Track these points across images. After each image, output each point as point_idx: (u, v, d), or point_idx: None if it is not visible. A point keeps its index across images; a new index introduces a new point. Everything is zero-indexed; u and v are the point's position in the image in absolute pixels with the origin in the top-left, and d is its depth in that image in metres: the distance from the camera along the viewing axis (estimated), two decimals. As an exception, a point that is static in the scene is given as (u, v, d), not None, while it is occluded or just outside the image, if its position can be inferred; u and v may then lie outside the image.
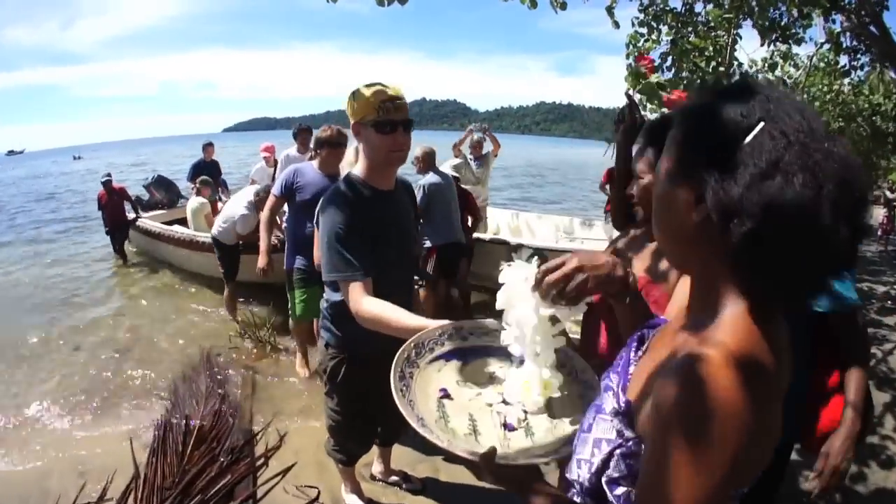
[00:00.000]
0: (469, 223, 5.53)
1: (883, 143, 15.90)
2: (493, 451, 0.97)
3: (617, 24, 6.43)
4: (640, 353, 0.89)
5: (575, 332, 1.71)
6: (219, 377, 4.03)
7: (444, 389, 1.25)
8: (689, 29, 6.24)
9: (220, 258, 5.45)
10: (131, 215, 8.16)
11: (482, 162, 7.00)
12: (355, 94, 1.83)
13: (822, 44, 7.68)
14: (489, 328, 1.41)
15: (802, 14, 5.91)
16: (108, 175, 8.24)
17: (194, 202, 7.09)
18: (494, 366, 1.34)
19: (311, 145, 4.18)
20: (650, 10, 6.55)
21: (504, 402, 1.22)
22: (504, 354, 1.32)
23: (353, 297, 1.76)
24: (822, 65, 9.36)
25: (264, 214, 4.18)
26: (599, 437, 0.80)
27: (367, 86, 1.82)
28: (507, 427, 1.16)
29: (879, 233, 12.00)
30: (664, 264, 1.51)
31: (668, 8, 6.46)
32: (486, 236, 6.23)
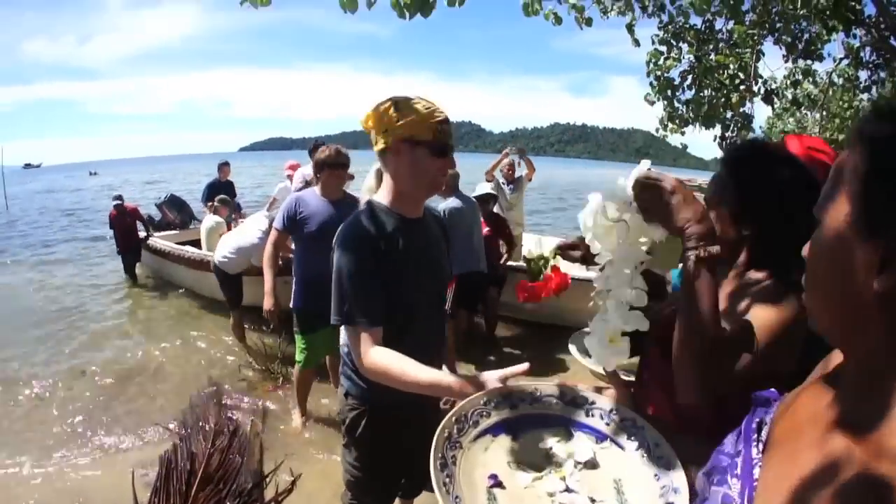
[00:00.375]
0: (503, 250, 5.31)
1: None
2: None
3: (637, 42, 6.33)
4: (761, 445, 0.69)
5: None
6: (228, 411, 3.85)
7: (494, 476, 1.04)
8: (710, 47, 6.12)
9: (221, 285, 5.32)
10: (143, 234, 8.03)
11: (515, 186, 6.72)
12: (400, 107, 1.60)
13: (842, 59, 7.55)
14: (543, 393, 1.21)
15: (828, 28, 5.75)
16: (120, 197, 8.13)
17: (210, 221, 6.90)
18: (551, 440, 1.13)
19: (313, 168, 3.86)
20: (670, 27, 6.45)
21: (567, 489, 1.03)
22: (561, 424, 1.15)
23: (359, 348, 1.57)
24: (840, 80, 9.20)
25: (267, 250, 3.83)
26: None
27: (414, 101, 1.62)
28: None
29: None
30: (742, 304, 1.23)
31: (688, 25, 6.35)
32: (519, 264, 5.73)
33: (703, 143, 7.02)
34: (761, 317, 1.14)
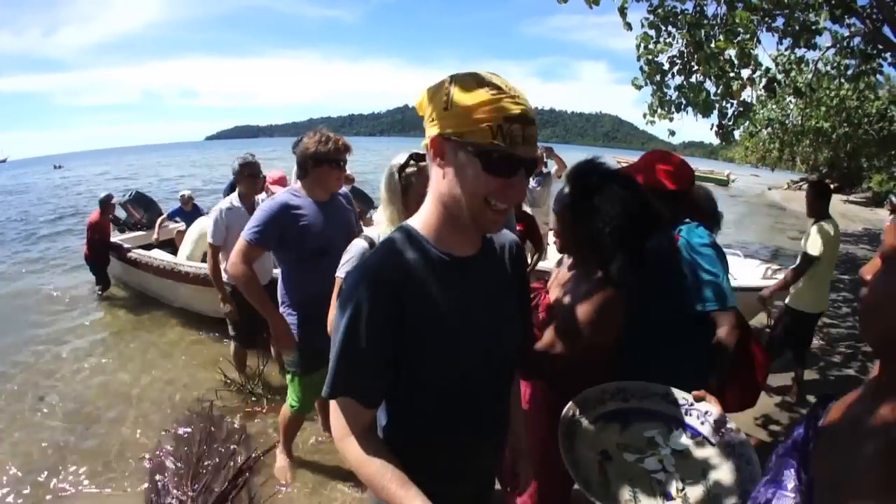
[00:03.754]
0: (530, 254, 4.79)
1: (890, 147, 16.00)
2: None
3: (629, 26, 6.13)
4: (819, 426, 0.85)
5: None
6: (217, 444, 3.43)
7: (604, 451, 1.33)
8: (703, 32, 5.88)
9: (235, 308, 4.17)
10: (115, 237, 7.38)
11: (543, 181, 6.38)
12: (458, 87, 1.06)
13: (829, 48, 7.40)
14: (651, 391, 1.46)
15: (834, 17, 5.54)
16: (110, 197, 7.33)
17: (203, 223, 6.13)
18: (653, 431, 1.38)
19: (301, 160, 2.89)
20: (659, 11, 6.22)
21: (664, 469, 1.27)
22: (663, 420, 1.40)
23: (339, 428, 1.17)
24: (828, 69, 9.09)
25: (244, 272, 2.80)
26: None
27: (481, 81, 1.05)
28: (666, 496, 1.21)
29: (890, 240, 11.63)
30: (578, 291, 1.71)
31: (679, 10, 6.12)
32: (548, 267, 5.17)
33: (665, 125, 6.94)
34: (588, 305, 1.62)
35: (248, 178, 4.21)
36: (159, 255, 6.58)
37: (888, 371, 0.77)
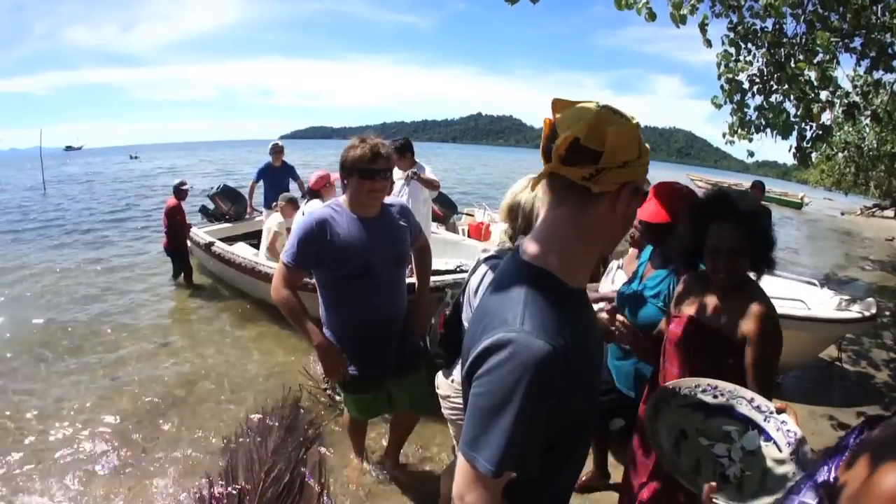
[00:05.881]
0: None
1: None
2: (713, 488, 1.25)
3: (709, 43, 6.13)
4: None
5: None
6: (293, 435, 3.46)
7: (683, 431, 1.51)
8: (783, 51, 5.87)
9: None
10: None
11: None
12: (642, 141, 1.04)
13: (903, 69, 7.22)
14: (738, 394, 1.58)
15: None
16: (183, 183, 7.43)
17: (273, 221, 6.41)
18: (732, 427, 1.52)
19: (349, 167, 2.50)
20: (739, 28, 6.22)
21: (730, 457, 1.43)
22: (744, 420, 1.53)
23: (473, 493, 0.99)
24: (900, 91, 8.80)
25: (285, 297, 2.53)
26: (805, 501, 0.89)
27: (618, 110, 1.02)
28: (723, 477, 1.38)
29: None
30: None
31: (759, 28, 6.11)
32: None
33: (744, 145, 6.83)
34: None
35: None
36: (241, 251, 6.67)
37: None
